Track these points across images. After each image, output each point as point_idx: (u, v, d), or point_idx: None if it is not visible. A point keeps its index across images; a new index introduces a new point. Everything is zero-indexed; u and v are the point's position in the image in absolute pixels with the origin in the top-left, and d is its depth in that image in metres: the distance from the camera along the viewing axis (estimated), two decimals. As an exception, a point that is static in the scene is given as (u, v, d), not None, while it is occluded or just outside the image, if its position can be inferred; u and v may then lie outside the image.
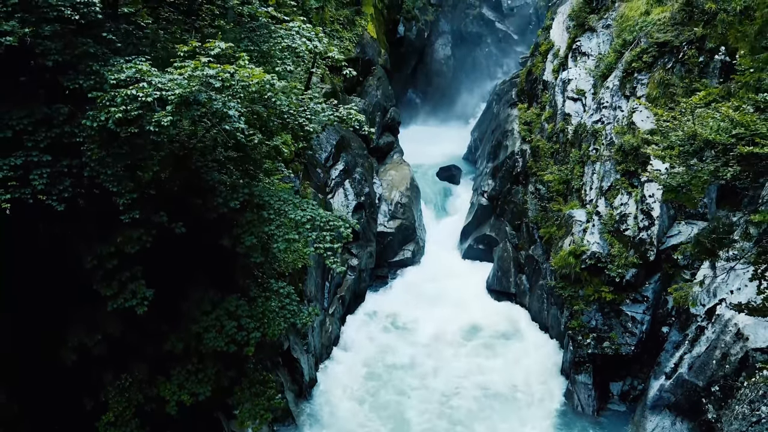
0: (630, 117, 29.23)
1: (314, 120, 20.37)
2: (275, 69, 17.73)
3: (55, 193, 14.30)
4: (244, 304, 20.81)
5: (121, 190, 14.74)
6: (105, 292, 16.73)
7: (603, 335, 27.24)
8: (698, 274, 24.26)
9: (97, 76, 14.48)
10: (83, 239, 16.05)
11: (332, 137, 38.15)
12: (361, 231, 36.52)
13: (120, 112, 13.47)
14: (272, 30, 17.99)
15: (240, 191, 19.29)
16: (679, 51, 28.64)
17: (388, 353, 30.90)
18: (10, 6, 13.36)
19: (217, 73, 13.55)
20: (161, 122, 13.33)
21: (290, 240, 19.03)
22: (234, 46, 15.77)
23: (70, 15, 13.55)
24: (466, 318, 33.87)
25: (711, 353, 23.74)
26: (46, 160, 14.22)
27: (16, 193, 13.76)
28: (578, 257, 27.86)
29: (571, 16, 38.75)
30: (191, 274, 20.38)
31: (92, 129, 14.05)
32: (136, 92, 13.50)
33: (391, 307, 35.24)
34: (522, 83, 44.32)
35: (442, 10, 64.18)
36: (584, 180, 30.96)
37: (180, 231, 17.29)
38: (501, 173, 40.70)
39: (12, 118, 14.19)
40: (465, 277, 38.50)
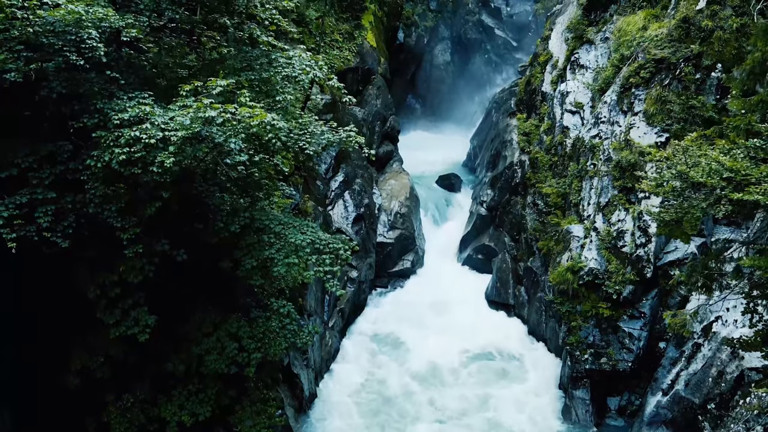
0: (627, 133, 29.44)
1: (314, 142, 20.62)
2: (275, 98, 17.93)
3: (59, 229, 14.55)
4: (245, 324, 21.08)
5: (124, 225, 14.98)
6: (107, 320, 17.01)
7: (601, 351, 27.48)
8: (692, 299, 24.57)
9: (101, 114, 14.72)
10: (86, 268, 16.29)
11: (332, 149, 38.27)
12: (361, 243, 36.72)
13: (124, 154, 13.71)
14: (272, 59, 18.18)
15: (240, 215, 19.54)
16: (676, 68, 28.83)
17: (387, 368, 31.07)
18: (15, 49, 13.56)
19: (219, 114, 13.76)
20: (164, 163, 13.55)
21: (290, 264, 19.27)
22: (235, 81, 15.99)
23: (75, 60, 13.77)
24: (464, 331, 33.99)
25: (707, 371, 24.01)
26: (50, 197, 14.47)
27: (22, 232, 14.01)
28: (576, 273, 28.10)
29: (570, 28, 38.95)
30: (192, 296, 20.64)
31: (96, 168, 14.26)
32: (139, 134, 13.74)
33: (390, 319, 35.41)
34: (521, 93, 44.52)
35: (441, 16, 64.31)
36: (582, 195, 31.18)
37: (181, 258, 17.52)
38: (500, 183, 40.92)
39: (17, 156, 14.45)
40: (464, 288, 38.65)
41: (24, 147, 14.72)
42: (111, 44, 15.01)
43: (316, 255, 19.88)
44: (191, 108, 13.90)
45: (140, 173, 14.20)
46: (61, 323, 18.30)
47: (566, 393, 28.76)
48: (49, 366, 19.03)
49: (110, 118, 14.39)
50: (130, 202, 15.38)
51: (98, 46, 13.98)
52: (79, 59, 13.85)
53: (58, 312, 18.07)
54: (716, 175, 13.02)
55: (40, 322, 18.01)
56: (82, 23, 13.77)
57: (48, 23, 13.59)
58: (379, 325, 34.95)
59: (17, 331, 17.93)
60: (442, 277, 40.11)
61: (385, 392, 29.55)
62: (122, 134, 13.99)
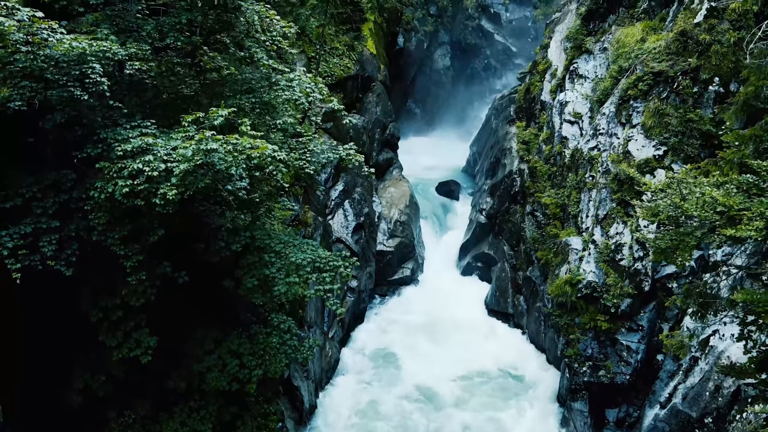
0: (626, 145, 29.58)
1: (314, 161, 20.82)
2: (276, 122, 18.10)
3: (63, 257, 14.74)
4: (246, 341, 21.28)
5: (127, 253, 15.15)
6: (110, 343, 17.22)
7: (599, 364, 27.65)
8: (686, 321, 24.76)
9: (104, 144, 14.90)
10: (89, 292, 16.47)
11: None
12: (361, 252, 36.90)
13: (127, 187, 13.88)
14: (273, 81, 18.35)
15: (241, 234, 19.72)
16: (673, 81, 28.96)
17: (387, 380, 31.25)
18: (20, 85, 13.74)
19: (221, 146, 13.92)
20: (167, 195, 13.73)
21: (291, 283, 19.44)
22: (236, 109, 16.16)
23: (79, 95, 13.94)
24: (463, 341, 34.19)
25: (704, 384, 24.15)
26: (54, 226, 14.65)
27: (26, 261, 14.18)
28: (574, 286, 28.27)
29: (569, 37, 39.10)
30: (193, 314, 20.81)
31: (100, 199, 14.44)
32: (142, 166, 13.91)
33: (389, 329, 35.62)
34: (520, 100, 44.67)
35: (441, 21, 64.51)
36: (581, 207, 31.34)
37: (183, 280, 17.70)
38: (499, 192, 41.09)
39: (22, 185, 14.61)
40: (463, 297, 38.87)
41: (28, 175, 14.90)
42: (114, 74, 15.14)
43: (316, 273, 20.07)
44: (193, 140, 14.06)
45: (143, 204, 14.35)
46: (63, 343, 18.45)
47: (565, 405, 28.94)
48: (51, 384, 19.20)
49: (113, 148, 14.57)
50: (134, 230, 15.55)
51: (101, 80, 14.15)
52: (83, 94, 14.01)
53: (61, 332, 18.22)
54: (710, 208, 13.21)
55: (42, 342, 18.15)
56: (86, 58, 13.94)
57: (52, 58, 13.75)
58: (379, 335, 35.12)
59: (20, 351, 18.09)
60: (442, 285, 40.33)
61: (384, 406, 29.67)
62: (125, 166, 14.17)
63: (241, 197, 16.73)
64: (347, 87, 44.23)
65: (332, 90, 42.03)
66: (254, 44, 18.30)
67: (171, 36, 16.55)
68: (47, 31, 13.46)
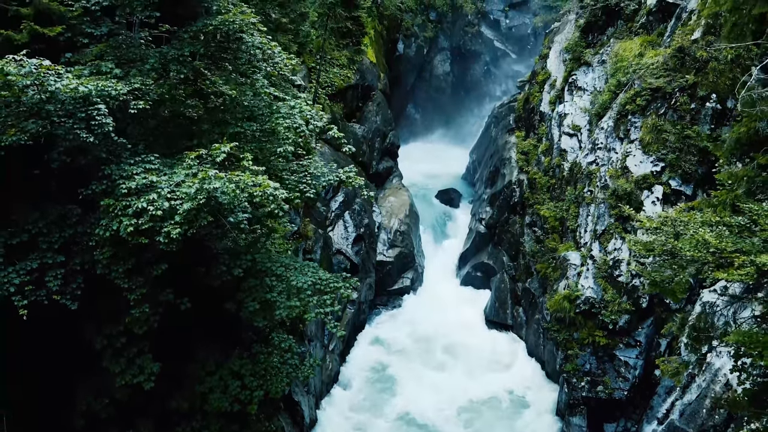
0: (624, 161, 29.82)
1: (314, 184, 21.04)
2: (277, 150, 18.32)
3: (68, 291, 14.98)
4: (248, 362, 21.49)
5: (131, 286, 15.38)
6: (113, 369, 17.42)
7: (597, 379, 27.91)
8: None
9: (109, 180, 15.12)
10: (93, 321, 16.71)
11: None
12: (361, 263, 37.13)
13: (131, 226, 14.11)
14: (274, 109, 18.57)
15: (242, 257, 19.90)
16: (671, 97, 29.19)
17: (387, 394, 31.46)
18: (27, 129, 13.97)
19: (223, 184, 14.14)
20: (171, 234, 13.96)
21: (292, 307, 19.62)
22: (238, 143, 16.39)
23: (85, 138, 14.17)
24: (462, 354, 34.43)
25: (701, 402, 24.36)
26: (59, 261, 14.87)
27: (33, 297, 14.41)
28: (573, 302, 28.52)
29: (567, 49, 39.30)
30: (195, 336, 21.03)
31: (104, 237, 14.67)
32: (146, 205, 14.14)
33: (389, 341, 35.79)
34: (520, 110, 44.90)
35: (441, 27, 64.69)
36: (579, 222, 31.57)
37: (185, 307, 17.93)
38: (499, 202, 41.32)
39: (28, 222, 14.85)
40: (463, 307, 39.09)
41: (34, 210, 15.12)
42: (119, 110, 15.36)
43: (317, 296, 20.26)
44: (197, 178, 14.28)
45: (147, 243, 14.57)
46: (67, 367, 18.67)
47: (563, 419, 29.19)
48: (55, 407, 19.40)
49: (117, 185, 14.80)
50: (137, 263, 15.78)
51: (107, 122, 14.37)
52: (89, 136, 14.24)
53: (65, 357, 18.44)
54: (703, 248, 13.44)
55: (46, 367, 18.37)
56: (91, 99, 14.16)
57: (59, 100, 13.96)
58: (378, 347, 35.28)
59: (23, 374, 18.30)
60: (442, 295, 40.50)
61: (384, 424, 29.84)
62: (130, 204, 14.40)
63: (243, 228, 16.92)
64: (347, 96, 44.48)
65: (332, 99, 42.35)
66: (256, 72, 18.48)
67: (174, 69, 16.74)
68: (54, 77, 13.66)
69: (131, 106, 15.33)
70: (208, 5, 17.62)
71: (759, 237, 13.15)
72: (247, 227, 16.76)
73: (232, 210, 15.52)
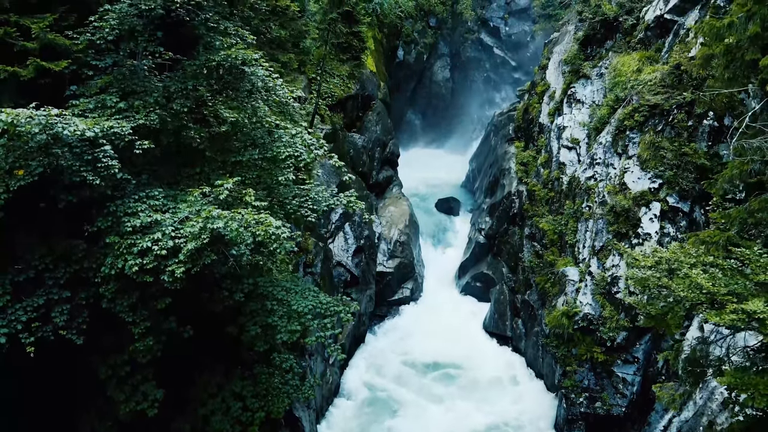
0: (622, 177, 30.05)
1: (315, 209, 21.29)
2: (278, 178, 18.58)
3: (74, 326, 15.23)
4: (249, 384, 21.74)
5: (136, 320, 15.64)
6: (118, 397, 17.68)
7: (595, 395, 28.16)
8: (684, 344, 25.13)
9: (114, 217, 15.37)
10: (98, 351, 16.97)
11: (333, 180, 38.85)
12: (361, 275, 37.36)
13: (136, 265, 14.38)
14: (276, 138, 18.82)
15: (244, 282, 20.15)
16: (669, 114, 29.43)
17: (386, 412, 31.61)
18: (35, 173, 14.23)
19: (226, 224, 14.40)
20: (175, 273, 14.22)
21: (293, 331, 19.88)
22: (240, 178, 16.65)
23: (92, 180, 14.42)
24: (461, 367, 34.63)
25: (698, 419, 24.57)
26: (65, 296, 15.13)
27: (39, 333, 14.67)
28: (571, 318, 28.76)
29: (566, 61, 39.54)
30: (197, 359, 21.27)
31: (110, 275, 14.94)
32: (151, 245, 14.40)
33: (388, 354, 35.94)
34: (519, 120, 45.15)
35: (441, 33, 64.98)
36: (578, 237, 31.80)
37: (188, 335, 18.20)
38: (498, 212, 41.58)
39: (34, 257, 15.09)
40: (462, 319, 39.36)
41: (41, 245, 15.37)
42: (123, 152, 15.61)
43: (318, 320, 20.50)
44: (200, 217, 14.54)
45: (152, 281, 14.83)
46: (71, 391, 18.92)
47: (562, 434, 29.48)
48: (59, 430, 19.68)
49: (122, 222, 15.06)
50: (142, 296, 16.04)
51: (113, 164, 14.62)
52: (95, 178, 14.48)
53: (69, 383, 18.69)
54: (696, 289, 13.69)
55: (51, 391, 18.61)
56: (98, 141, 14.42)
57: (66, 144, 14.21)
58: (379, 360, 35.42)
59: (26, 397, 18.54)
60: (441, 306, 40.77)
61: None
62: (135, 243, 14.66)
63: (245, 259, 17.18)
64: (347, 106, 44.67)
65: (333, 110, 42.52)
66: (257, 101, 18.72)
67: (178, 102, 16.98)
68: (62, 123, 13.89)
69: (136, 146, 15.56)
70: (211, 40, 17.85)
71: (751, 280, 13.43)
72: (249, 258, 16.97)
73: (235, 244, 15.76)
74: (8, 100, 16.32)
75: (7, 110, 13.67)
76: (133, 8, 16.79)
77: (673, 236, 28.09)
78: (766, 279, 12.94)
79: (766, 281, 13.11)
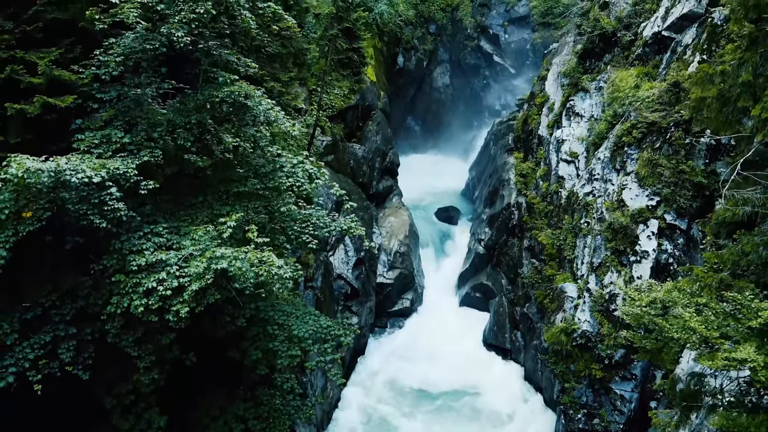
0: (620, 193, 30.29)
1: (317, 234, 21.57)
2: (280, 209, 18.85)
3: (80, 362, 15.51)
4: (251, 406, 22.05)
5: (141, 354, 15.93)
6: (122, 426, 17.96)
7: (593, 412, 28.45)
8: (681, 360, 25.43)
9: (119, 254, 15.64)
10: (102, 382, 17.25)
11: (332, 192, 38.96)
12: (361, 287, 37.61)
13: (142, 306, 14.66)
14: (277, 167, 19.10)
15: (246, 307, 20.43)
16: (666, 131, 29.66)
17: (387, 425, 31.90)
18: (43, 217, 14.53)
19: (230, 264, 14.69)
20: (180, 313, 14.51)
21: (293, 356, 20.18)
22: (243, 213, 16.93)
23: (98, 223, 14.70)
24: (461, 380, 34.83)
25: (694, 437, 24.90)
26: (71, 332, 15.42)
27: (46, 370, 14.96)
28: (569, 335, 29.05)
29: (565, 74, 39.79)
30: (199, 383, 21.57)
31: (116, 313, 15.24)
32: (156, 285, 14.69)
33: (388, 369, 36.11)
34: (518, 130, 45.40)
35: (441, 39, 65.21)
36: (576, 253, 32.07)
37: (191, 362, 18.49)
38: (497, 223, 41.82)
39: (41, 295, 15.38)
40: (462, 329, 39.54)
41: (46, 282, 15.66)
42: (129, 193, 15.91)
43: (318, 344, 20.80)
44: (204, 257, 14.83)
45: (157, 320, 15.14)
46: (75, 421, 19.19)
47: (560, 449, 29.75)
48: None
49: (128, 260, 15.35)
50: (146, 331, 16.32)
51: (119, 206, 14.92)
52: (102, 222, 14.78)
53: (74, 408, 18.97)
54: (689, 331, 13.97)
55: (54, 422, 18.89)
56: (104, 183, 14.71)
57: (72, 188, 14.49)
58: (379, 376, 35.58)
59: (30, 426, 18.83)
60: (441, 317, 40.95)
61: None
62: (140, 282, 14.95)
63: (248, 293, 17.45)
64: (347, 117, 44.91)
65: (333, 120, 42.77)
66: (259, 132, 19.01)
67: (181, 136, 17.25)
68: (70, 171, 14.15)
69: (141, 186, 15.83)
70: (213, 75, 18.12)
71: (743, 324, 13.71)
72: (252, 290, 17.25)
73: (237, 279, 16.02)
74: (15, 135, 16.62)
75: (16, 159, 13.97)
76: (137, 44, 17.04)
77: (670, 253, 28.39)
78: (757, 325, 13.22)
79: (756, 327, 13.39)
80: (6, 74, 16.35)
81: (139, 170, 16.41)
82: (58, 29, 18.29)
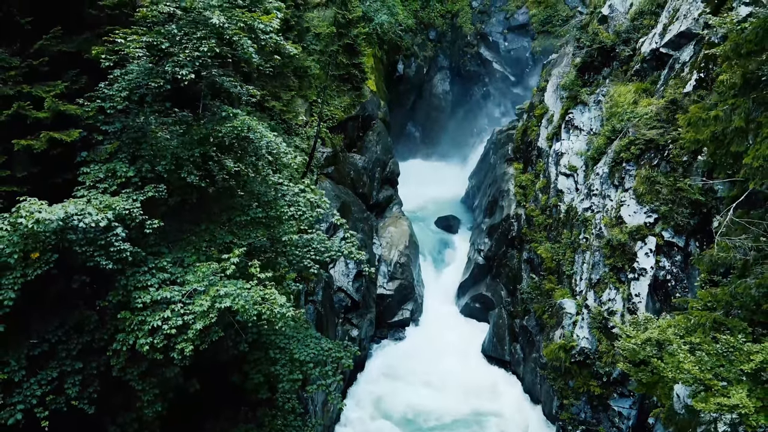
0: (618, 210, 30.54)
1: (319, 260, 21.86)
2: (282, 238, 19.12)
3: (86, 396, 15.77)
4: (253, 428, 22.31)
5: (145, 387, 16.20)
6: (128, 455, 18.24)
7: (592, 428, 28.74)
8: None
9: (124, 290, 15.91)
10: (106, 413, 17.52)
11: (333, 204, 39.25)
12: (361, 299, 37.87)
13: (147, 344, 14.94)
14: (279, 196, 19.36)
15: (248, 331, 20.70)
16: (664, 149, 29.89)
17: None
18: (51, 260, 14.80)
19: (233, 301, 14.97)
20: (184, 351, 14.79)
21: (294, 380, 20.47)
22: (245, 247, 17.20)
23: (105, 265, 14.97)
24: (461, 391, 35.09)
25: (691, 455, 25.18)
26: (77, 367, 15.69)
27: (53, 406, 15.23)
28: (568, 352, 29.33)
29: (564, 86, 39.98)
30: (202, 407, 21.84)
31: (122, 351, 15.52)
32: (161, 323, 14.96)
33: (388, 378, 36.39)
34: (518, 141, 45.65)
35: (440, 46, 65.48)
36: (575, 269, 32.32)
37: (194, 389, 18.77)
38: (497, 234, 42.09)
39: (48, 330, 15.65)
40: (461, 341, 39.82)
41: (53, 317, 15.93)
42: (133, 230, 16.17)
43: (319, 368, 21.08)
44: (208, 295, 15.10)
45: (161, 358, 15.41)
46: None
47: (559, 465, 30.05)
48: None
49: (133, 297, 15.62)
50: (151, 365, 16.59)
51: (124, 247, 15.20)
52: (108, 263, 15.06)
53: None
54: (684, 371, 14.25)
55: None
56: (110, 224, 14.98)
57: (79, 230, 14.76)
58: (378, 390, 35.75)
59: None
60: (441, 328, 41.23)
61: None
62: (145, 320, 15.22)
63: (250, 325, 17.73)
64: (348, 127, 45.16)
65: (333, 131, 43.01)
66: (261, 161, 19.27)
67: (185, 171, 17.51)
68: (78, 217, 14.40)
69: (147, 226, 16.10)
70: (216, 110, 18.39)
71: (735, 366, 13.98)
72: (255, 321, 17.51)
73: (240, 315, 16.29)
74: (21, 169, 16.88)
75: (25, 206, 14.23)
76: (141, 79, 17.31)
77: (668, 270, 28.62)
78: (749, 370, 13.49)
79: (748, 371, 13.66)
80: (13, 110, 16.61)
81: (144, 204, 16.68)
82: (64, 61, 18.54)
